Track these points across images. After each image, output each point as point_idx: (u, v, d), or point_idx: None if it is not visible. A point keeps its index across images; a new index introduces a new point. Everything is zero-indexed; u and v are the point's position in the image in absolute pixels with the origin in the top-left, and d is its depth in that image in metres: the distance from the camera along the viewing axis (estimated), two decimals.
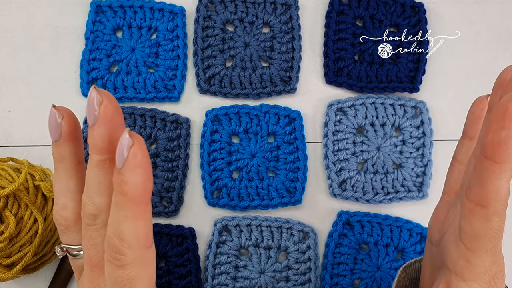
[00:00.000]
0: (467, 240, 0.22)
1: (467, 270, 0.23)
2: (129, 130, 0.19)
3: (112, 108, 0.21)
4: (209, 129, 0.46)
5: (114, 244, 0.20)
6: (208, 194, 0.45)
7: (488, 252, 0.22)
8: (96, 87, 0.21)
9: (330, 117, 0.47)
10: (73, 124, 0.23)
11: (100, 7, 0.48)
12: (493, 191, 0.20)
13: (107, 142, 0.21)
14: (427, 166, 0.46)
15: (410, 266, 0.32)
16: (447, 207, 0.29)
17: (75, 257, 0.25)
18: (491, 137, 0.19)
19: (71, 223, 0.24)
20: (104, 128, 0.21)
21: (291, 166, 0.46)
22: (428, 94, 0.49)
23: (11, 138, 0.47)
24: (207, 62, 0.48)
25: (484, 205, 0.21)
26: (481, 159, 0.20)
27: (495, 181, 0.20)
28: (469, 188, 0.21)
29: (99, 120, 0.20)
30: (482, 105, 0.29)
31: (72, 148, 0.24)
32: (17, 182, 0.37)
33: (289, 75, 0.48)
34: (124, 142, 0.19)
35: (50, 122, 0.23)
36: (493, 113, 0.19)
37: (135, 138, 0.19)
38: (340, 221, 0.45)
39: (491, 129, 0.19)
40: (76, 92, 0.47)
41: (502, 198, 0.21)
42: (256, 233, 0.44)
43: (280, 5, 0.49)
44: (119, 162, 0.19)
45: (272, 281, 0.43)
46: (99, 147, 0.21)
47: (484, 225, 0.21)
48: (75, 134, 0.23)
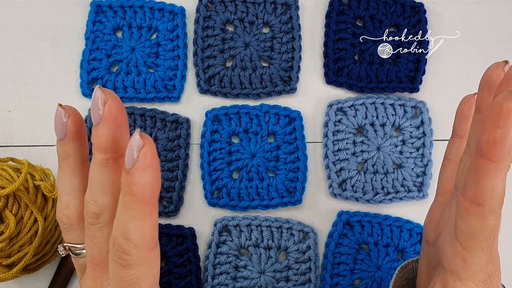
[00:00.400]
0: (463, 239, 0.23)
1: (463, 269, 0.23)
2: (140, 131, 0.19)
3: (116, 107, 0.21)
4: (209, 129, 0.46)
5: (120, 244, 0.20)
6: (208, 194, 0.45)
7: (484, 251, 0.22)
8: (100, 86, 0.21)
9: (330, 117, 0.47)
10: (78, 123, 0.23)
11: (100, 7, 0.48)
12: (489, 190, 0.20)
13: (111, 141, 0.21)
14: (427, 166, 0.46)
15: (407, 266, 0.32)
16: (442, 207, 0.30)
17: (77, 256, 0.25)
18: (486, 136, 0.19)
19: (74, 221, 0.24)
20: (108, 128, 0.21)
21: (291, 166, 0.46)
22: (428, 94, 0.49)
23: (11, 138, 0.47)
24: (207, 62, 0.48)
25: (480, 203, 0.21)
26: (477, 158, 0.20)
27: (491, 180, 0.20)
28: (464, 186, 0.21)
29: (103, 119, 0.21)
30: (469, 104, 0.30)
31: (77, 146, 0.24)
32: (17, 182, 0.37)
33: (289, 75, 0.48)
34: (134, 143, 0.19)
35: (56, 120, 0.23)
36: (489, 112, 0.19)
37: (145, 139, 0.19)
38: (340, 221, 0.45)
39: (486, 127, 0.19)
40: (76, 92, 0.47)
41: (497, 197, 0.21)
42: (256, 233, 0.44)
43: (280, 5, 0.49)
44: (128, 163, 0.19)
45: (272, 281, 0.43)
46: (103, 146, 0.21)
47: (480, 223, 0.21)
48: (80, 133, 0.24)
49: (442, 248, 0.25)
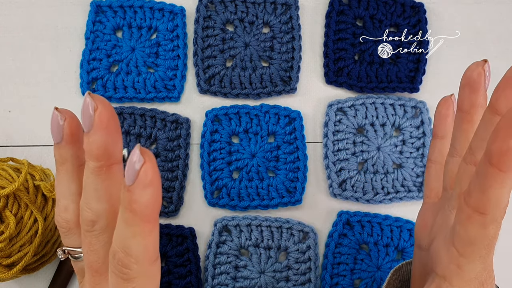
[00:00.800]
0: (460, 245, 0.22)
1: (457, 275, 0.23)
2: (140, 146, 0.18)
3: (107, 114, 0.20)
4: (209, 129, 0.46)
5: (120, 258, 0.20)
6: (208, 194, 0.45)
7: (481, 259, 0.22)
8: (90, 92, 0.20)
9: (330, 117, 0.47)
10: (75, 126, 0.23)
11: (100, 7, 0.48)
12: (494, 199, 0.20)
13: (103, 149, 0.21)
14: None
15: (401, 268, 0.32)
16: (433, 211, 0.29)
17: (77, 259, 0.25)
18: (499, 145, 0.18)
19: (73, 225, 0.24)
20: (99, 135, 0.20)
21: (291, 166, 0.46)
22: (428, 94, 0.49)
23: (11, 138, 0.47)
24: (207, 62, 0.48)
25: (483, 212, 0.20)
26: (486, 166, 0.19)
27: (497, 189, 0.20)
28: (468, 193, 0.21)
29: (94, 126, 0.20)
30: (447, 104, 0.31)
31: (74, 150, 0.23)
32: (17, 182, 0.37)
33: (289, 75, 0.48)
34: (134, 159, 0.18)
35: (52, 124, 0.23)
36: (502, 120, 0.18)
37: (146, 155, 0.18)
38: (340, 221, 0.45)
39: (499, 136, 0.18)
40: (76, 92, 0.47)
41: (502, 207, 0.20)
42: (256, 233, 0.44)
43: (280, 5, 0.49)
44: (128, 179, 0.18)
45: (272, 281, 0.43)
46: (95, 154, 0.21)
47: (480, 232, 0.21)
48: (77, 136, 0.23)
49: (436, 254, 0.25)
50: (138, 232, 0.19)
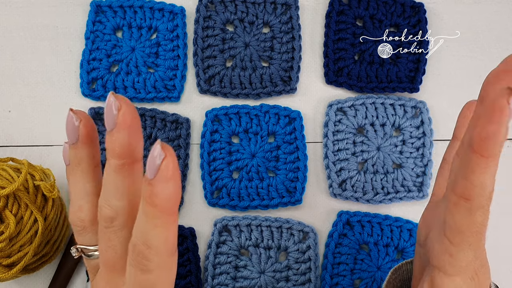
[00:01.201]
0: (450, 234, 0.23)
1: (450, 264, 0.23)
2: (161, 142, 0.19)
3: (130, 113, 0.21)
4: (209, 129, 0.46)
5: (140, 250, 0.20)
6: (208, 194, 0.45)
7: (471, 247, 0.22)
8: (113, 92, 0.21)
9: (330, 117, 0.47)
10: (90, 127, 0.24)
11: (100, 7, 0.48)
12: (478, 185, 0.20)
13: (126, 147, 0.21)
14: (427, 166, 0.46)
15: (401, 268, 0.32)
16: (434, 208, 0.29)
17: (90, 257, 0.26)
18: (479, 131, 0.19)
19: (87, 224, 0.25)
20: (122, 134, 0.21)
21: (291, 166, 0.46)
22: (428, 94, 0.49)
23: (11, 138, 0.47)
24: (207, 62, 0.48)
25: (468, 198, 0.21)
26: (468, 152, 0.20)
27: (480, 175, 0.20)
28: (454, 181, 0.22)
29: (118, 125, 0.21)
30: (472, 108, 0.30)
31: (89, 150, 0.24)
32: (17, 182, 0.37)
33: (289, 75, 0.48)
34: (156, 154, 0.19)
35: (68, 125, 0.23)
36: (483, 107, 0.19)
37: (167, 150, 0.19)
38: (340, 221, 0.45)
39: (479, 123, 0.19)
40: (76, 92, 0.47)
41: (486, 193, 0.21)
42: (256, 233, 0.44)
43: (280, 5, 0.49)
44: (150, 173, 0.19)
45: (272, 281, 0.43)
46: (118, 152, 0.21)
47: (467, 218, 0.22)
48: (92, 137, 0.24)
49: (430, 246, 0.25)
50: (159, 225, 0.20)
